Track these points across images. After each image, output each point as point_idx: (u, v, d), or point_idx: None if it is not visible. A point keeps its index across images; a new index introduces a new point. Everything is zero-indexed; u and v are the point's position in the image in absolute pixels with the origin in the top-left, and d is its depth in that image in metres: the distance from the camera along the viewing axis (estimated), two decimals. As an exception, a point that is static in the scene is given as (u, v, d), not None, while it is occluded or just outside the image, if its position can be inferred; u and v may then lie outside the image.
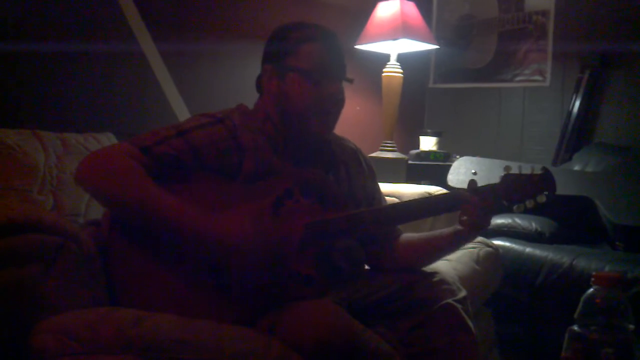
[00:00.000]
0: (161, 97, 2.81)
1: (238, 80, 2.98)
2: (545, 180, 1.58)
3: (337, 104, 1.67)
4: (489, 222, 1.58)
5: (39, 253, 1.32)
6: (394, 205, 1.70)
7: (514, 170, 1.59)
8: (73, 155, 2.12)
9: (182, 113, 2.83)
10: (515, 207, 1.59)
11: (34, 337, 1.21)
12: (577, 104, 3.49)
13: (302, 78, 1.61)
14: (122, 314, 1.30)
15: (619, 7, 3.44)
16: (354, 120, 3.52)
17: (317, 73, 1.61)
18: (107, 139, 2.32)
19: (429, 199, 1.70)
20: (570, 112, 3.52)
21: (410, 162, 3.33)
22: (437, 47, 3.45)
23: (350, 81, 1.69)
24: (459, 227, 1.59)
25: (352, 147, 1.83)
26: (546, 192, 1.58)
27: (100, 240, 1.51)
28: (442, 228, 1.69)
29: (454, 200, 1.59)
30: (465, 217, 1.57)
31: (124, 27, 2.66)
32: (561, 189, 2.82)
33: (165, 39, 2.79)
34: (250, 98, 1.75)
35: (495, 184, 1.59)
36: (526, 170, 1.60)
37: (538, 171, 1.59)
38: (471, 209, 1.55)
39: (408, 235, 1.76)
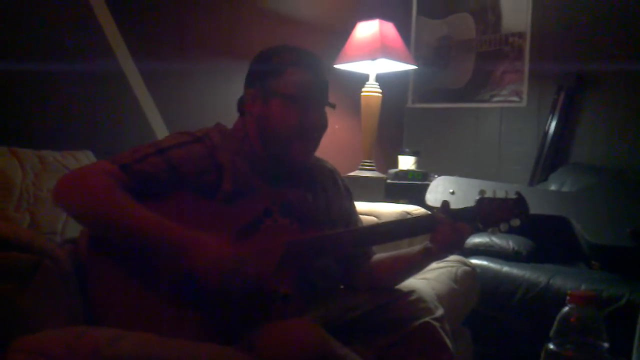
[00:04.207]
0: (140, 116, 2.80)
1: (217, 99, 2.97)
2: (518, 205, 1.60)
3: (319, 129, 1.68)
4: (461, 244, 1.59)
5: (14, 271, 1.31)
6: (371, 226, 1.71)
7: (489, 194, 1.61)
8: (51, 173, 2.10)
9: (161, 131, 2.82)
10: (489, 230, 1.60)
11: (9, 357, 1.19)
12: (553, 124, 3.53)
13: (286, 103, 1.61)
14: (99, 333, 1.28)
15: (593, 29, 3.50)
16: (333, 139, 3.51)
17: (301, 99, 1.62)
18: (86, 157, 2.31)
19: (406, 221, 1.71)
20: (546, 133, 3.56)
21: (388, 181, 3.34)
22: (416, 67, 3.47)
23: (333, 107, 1.70)
24: (429, 244, 1.60)
25: (329, 168, 1.84)
26: (519, 217, 1.59)
27: (77, 258, 1.50)
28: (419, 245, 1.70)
29: (429, 223, 1.60)
30: (437, 237, 1.58)
31: (103, 45, 2.65)
32: (538, 209, 2.84)
33: (144, 57, 2.79)
34: (228, 117, 1.75)
35: (469, 207, 1.61)
36: (501, 194, 1.61)
37: (512, 196, 1.61)
38: (443, 230, 1.56)
39: (380, 255, 1.77)
